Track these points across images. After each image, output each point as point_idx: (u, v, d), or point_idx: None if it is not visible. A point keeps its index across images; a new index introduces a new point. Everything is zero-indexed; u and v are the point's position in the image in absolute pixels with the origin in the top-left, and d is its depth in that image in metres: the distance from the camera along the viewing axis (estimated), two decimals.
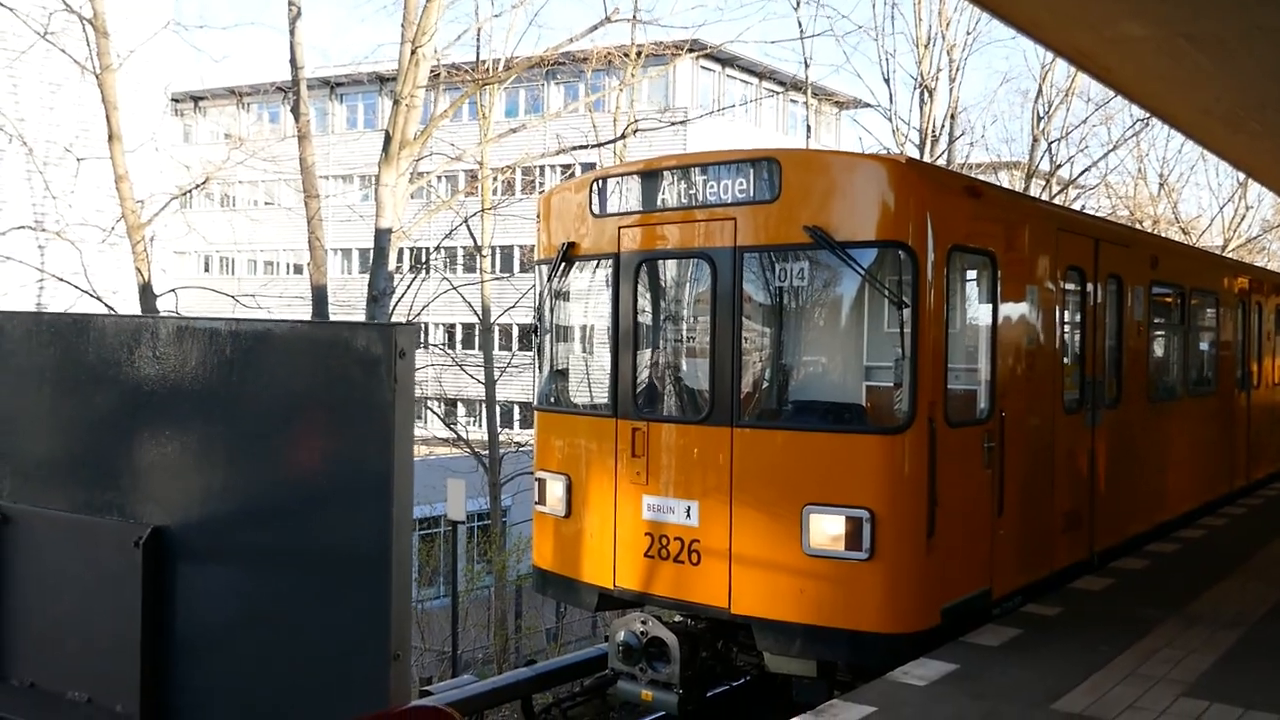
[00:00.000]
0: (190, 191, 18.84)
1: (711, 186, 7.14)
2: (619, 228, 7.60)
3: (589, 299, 8.23)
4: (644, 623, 7.35)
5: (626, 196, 7.58)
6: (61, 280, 17.41)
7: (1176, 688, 6.12)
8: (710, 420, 7.08)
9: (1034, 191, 25.54)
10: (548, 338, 8.26)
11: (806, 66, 23.90)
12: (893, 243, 6.69)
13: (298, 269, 43.90)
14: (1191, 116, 12.10)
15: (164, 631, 2.29)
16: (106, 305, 16.94)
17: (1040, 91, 26.22)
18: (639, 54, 23.16)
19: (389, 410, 2.01)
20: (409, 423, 2.04)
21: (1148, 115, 25.20)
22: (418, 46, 14.48)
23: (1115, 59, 9.49)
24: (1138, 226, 28.15)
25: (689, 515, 7.12)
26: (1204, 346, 12.68)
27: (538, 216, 8.34)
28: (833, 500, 6.63)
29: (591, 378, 8.25)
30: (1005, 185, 26.61)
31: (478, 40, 22.31)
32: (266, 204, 46.74)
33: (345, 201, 39.94)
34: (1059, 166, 26.94)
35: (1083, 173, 27.98)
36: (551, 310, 8.21)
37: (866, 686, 6.16)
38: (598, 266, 7.87)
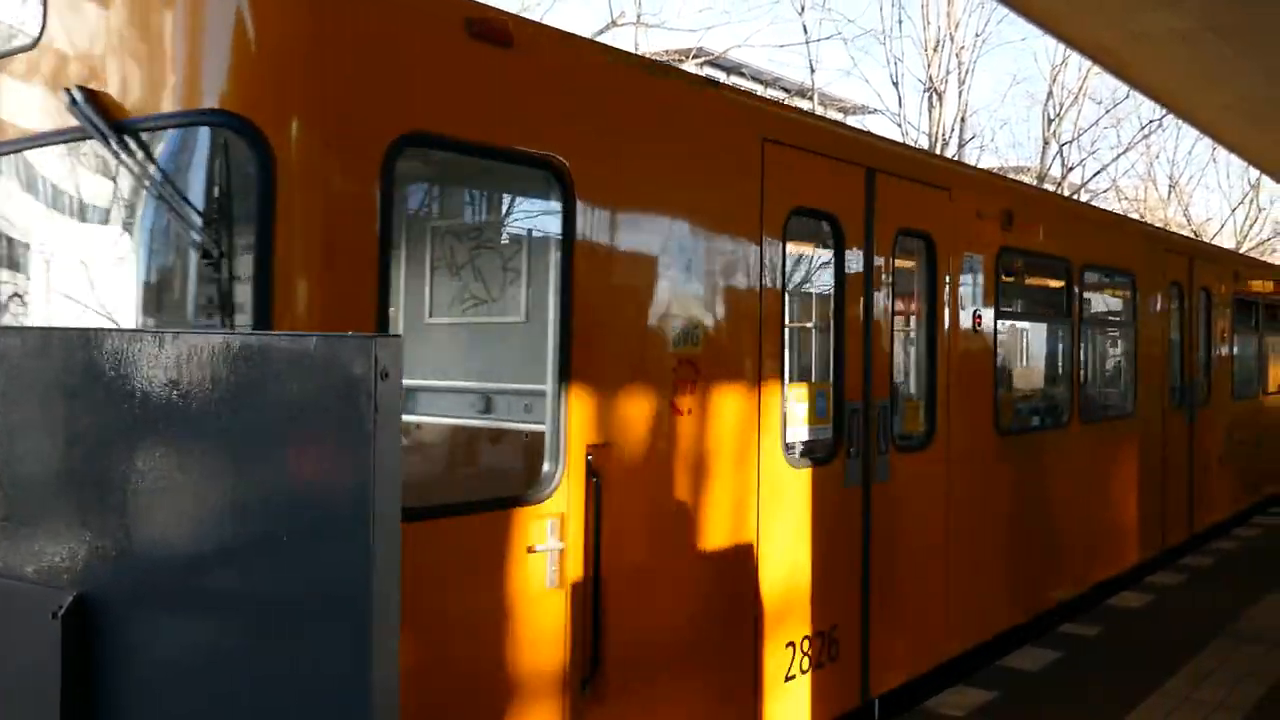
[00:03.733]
0: None
1: None
2: None
3: None
4: None
5: None
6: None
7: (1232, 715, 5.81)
8: None
9: None
10: None
11: (813, 71, 23.64)
12: (219, 115, 3.29)
13: None
14: (1212, 113, 11.82)
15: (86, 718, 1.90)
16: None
17: (1050, 93, 25.92)
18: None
19: (367, 444, 1.52)
20: (394, 459, 1.55)
21: (1160, 116, 24.95)
22: None
23: (1136, 54, 9.21)
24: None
25: None
26: (1112, 350, 9.57)
27: None
28: None
29: None
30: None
31: None
32: None
33: None
34: (1070, 169, 26.60)
35: (1093, 176, 27.65)
36: None
37: None
38: None
